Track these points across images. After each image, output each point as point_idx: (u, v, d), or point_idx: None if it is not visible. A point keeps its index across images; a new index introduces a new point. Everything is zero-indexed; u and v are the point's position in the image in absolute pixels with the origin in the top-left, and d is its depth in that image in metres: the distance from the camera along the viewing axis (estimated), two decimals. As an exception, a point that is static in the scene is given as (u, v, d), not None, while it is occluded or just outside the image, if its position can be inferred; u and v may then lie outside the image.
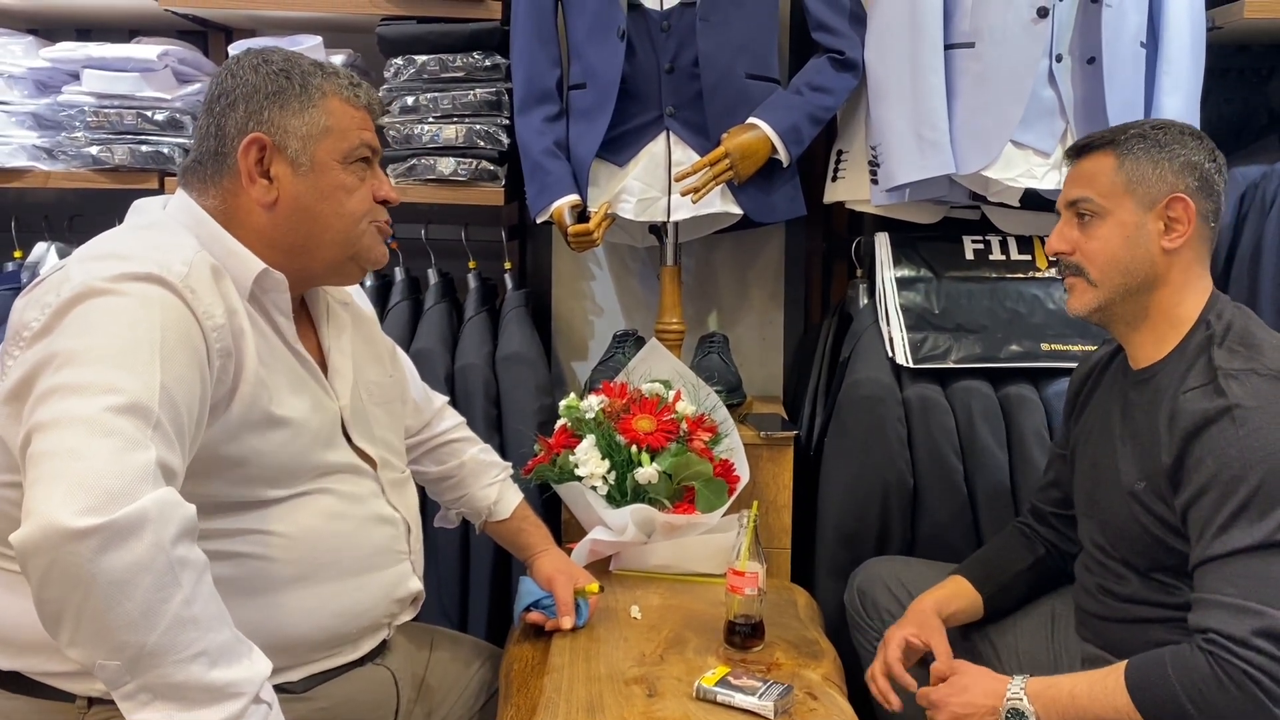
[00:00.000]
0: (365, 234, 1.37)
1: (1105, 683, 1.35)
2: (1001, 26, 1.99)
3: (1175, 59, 2.04)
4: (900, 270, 2.22)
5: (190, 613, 1.04)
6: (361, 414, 1.44)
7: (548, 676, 1.51)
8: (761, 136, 2.10)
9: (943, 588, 1.71)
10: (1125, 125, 1.52)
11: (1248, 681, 1.25)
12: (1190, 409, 1.36)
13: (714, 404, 2.04)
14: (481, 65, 2.23)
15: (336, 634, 1.37)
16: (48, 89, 2.33)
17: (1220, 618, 1.29)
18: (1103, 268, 1.48)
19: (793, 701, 1.44)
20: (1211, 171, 1.47)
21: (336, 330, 1.46)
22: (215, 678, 1.05)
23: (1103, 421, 1.58)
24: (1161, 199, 1.45)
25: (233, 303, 1.24)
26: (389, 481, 1.46)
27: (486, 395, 2.23)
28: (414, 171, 2.26)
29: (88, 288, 1.13)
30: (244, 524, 1.27)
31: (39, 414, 1.06)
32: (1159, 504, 1.42)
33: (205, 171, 1.32)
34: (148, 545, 1.01)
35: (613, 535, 1.87)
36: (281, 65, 1.32)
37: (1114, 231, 1.47)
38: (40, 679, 1.23)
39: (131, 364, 1.09)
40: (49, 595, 1.01)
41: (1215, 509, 1.33)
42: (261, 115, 1.30)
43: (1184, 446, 1.37)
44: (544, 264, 2.59)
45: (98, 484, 1.01)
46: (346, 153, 1.34)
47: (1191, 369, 1.41)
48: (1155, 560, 1.45)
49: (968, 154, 2.04)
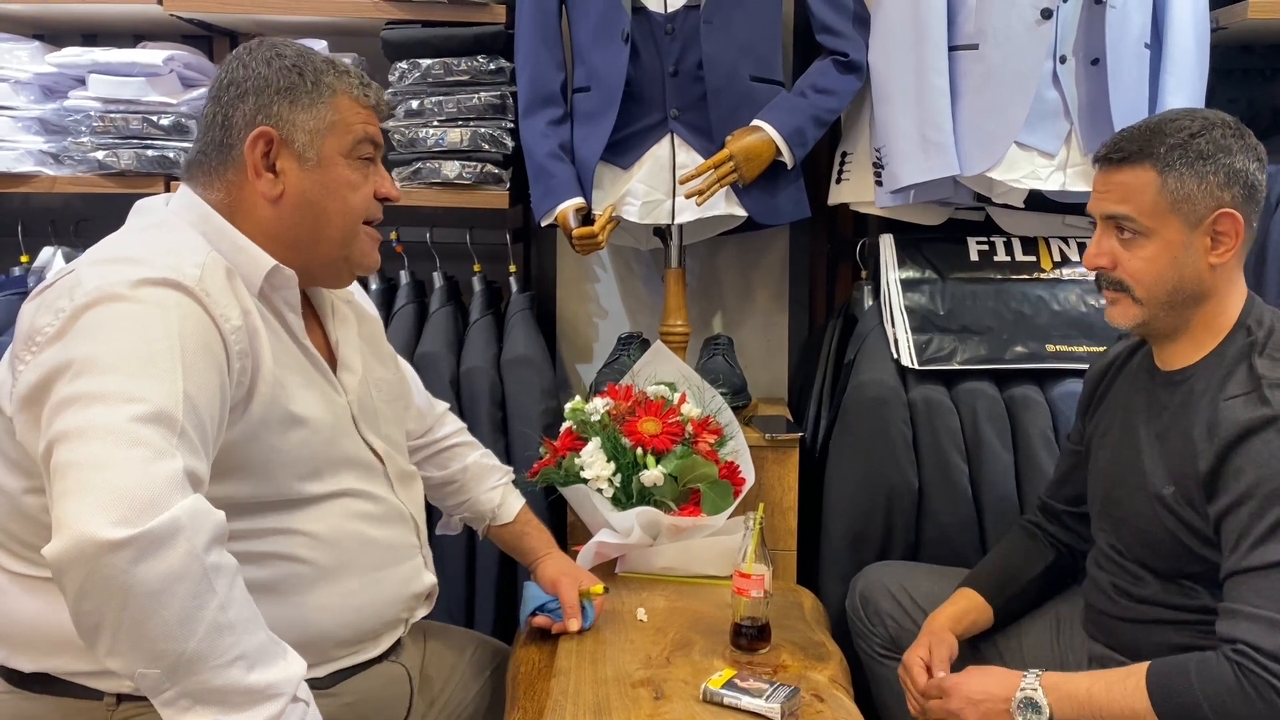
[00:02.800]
0: (360, 237, 1.38)
1: (1125, 684, 1.34)
2: (1005, 28, 1.99)
3: (1179, 59, 2.04)
4: (905, 272, 2.22)
5: (226, 618, 1.05)
6: (369, 409, 1.45)
7: (554, 679, 1.51)
8: (766, 139, 2.10)
9: (954, 603, 1.69)
10: (1161, 131, 1.41)
11: (1274, 695, 1.24)
12: (1232, 418, 1.33)
13: (719, 406, 2.04)
14: (486, 69, 2.24)
15: (359, 630, 1.38)
16: (53, 94, 2.34)
17: (1251, 630, 1.27)
18: (1150, 287, 1.42)
19: (799, 703, 1.44)
20: (1255, 173, 1.41)
21: (342, 325, 1.47)
22: (254, 680, 1.07)
23: (1124, 420, 1.56)
24: (1208, 215, 1.39)
25: (246, 303, 1.25)
26: (396, 476, 1.47)
27: (492, 398, 2.23)
28: (419, 175, 2.27)
29: (103, 293, 1.13)
30: (269, 524, 1.27)
31: (60, 423, 1.06)
32: (1188, 510, 1.40)
33: (210, 163, 1.32)
34: (182, 554, 1.02)
35: (618, 538, 1.87)
36: (295, 61, 1.33)
37: (1160, 252, 1.41)
38: (68, 678, 1.24)
39: (153, 372, 1.10)
40: (86, 607, 1.02)
41: (1253, 520, 1.30)
42: (271, 109, 1.30)
43: (1224, 455, 1.33)
44: (549, 267, 2.60)
45: (129, 494, 1.01)
46: (351, 148, 1.34)
47: (1231, 376, 1.38)
48: (1177, 566, 1.43)
49: (972, 155, 2.04)
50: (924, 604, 1.76)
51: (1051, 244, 2.24)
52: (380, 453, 1.45)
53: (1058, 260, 2.21)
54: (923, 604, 1.77)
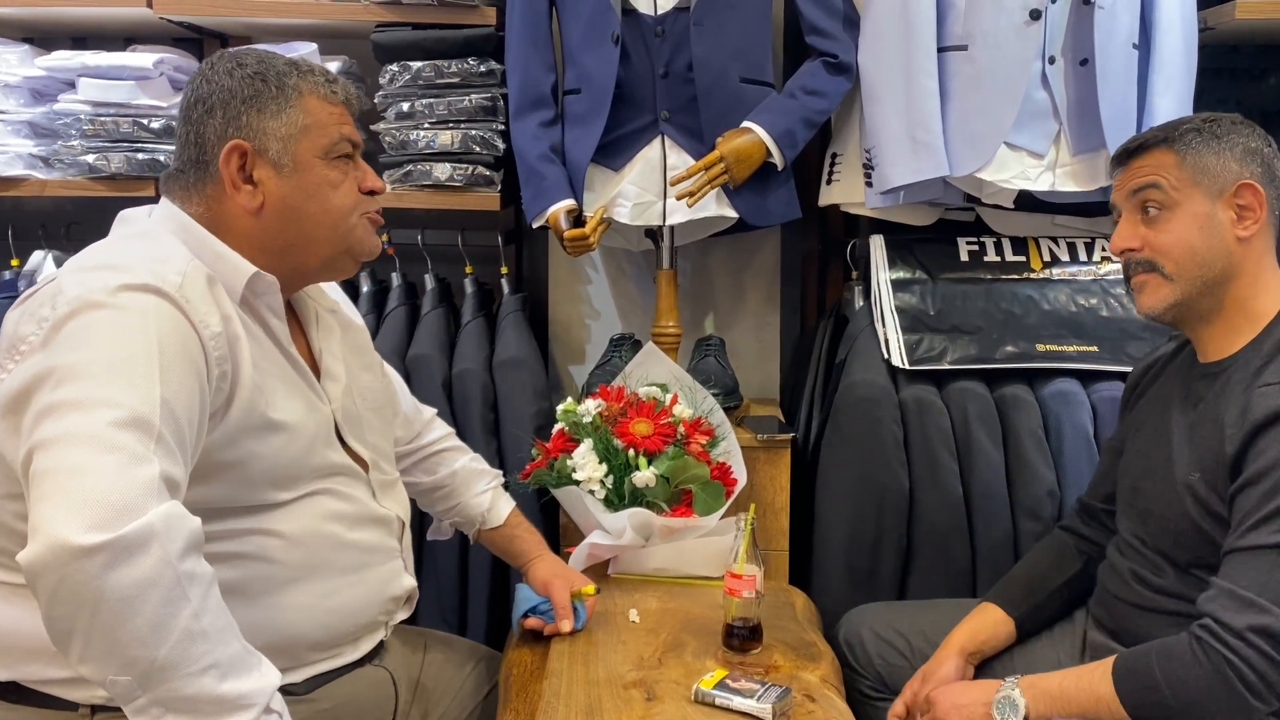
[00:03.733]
0: (356, 227, 1.37)
1: (1093, 673, 1.35)
2: (994, 29, 2.00)
3: (1167, 60, 2.05)
4: (895, 272, 2.23)
5: (199, 626, 1.05)
6: (354, 416, 1.45)
7: (546, 681, 1.52)
8: (756, 140, 2.11)
9: (975, 620, 1.66)
10: (1175, 122, 1.47)
11: (1227, 669, 1.24)
12: (1265, 403, 1.32)
13: (711, 407, 2.04)
14: (476, 71, 2.24)
15: (335, 632, 1.38)
16: (43, 97, 2.33)
17: (1223, 605, 1.27)
18: (1179, 260, 1.42)
19: (791, 704, 1.45)
20: (1271, 157, 1.43)
21: (326, 334, 1.47)
22: (226, 690, 1.06)
23: (1160, 413, 1.54)
24: (1230, 187, 1.41)
25: (227, 309, 1.24)
26: (379, 483, 1.47)
27: (484, 400, 2.23)
28: (410, 177, 2.27)
29: (84, 301, 1.13)
30: (244, 525, 1.27)
31: (40, 431, 1.07)
32: (1212, 496, 1.38)
33: (188, 179, 1.32)
34: (155, 560, 1.02)
35: (611, 539, 1.88)
36: (256, 68, 1.32)
37: (1187, 222, 1.42)
38: (40, 687, 1.23)
39: (131, 377, 1.10)
40: (58, 613, 1.01)
41: (1261, 501, 1.29)
42: (239, 121, 1.30)
43: (1250, 438, 1.32)
44: (540, 268, 2.60)
45: (103, 500, 1.01)
46: (327, 148, 1.34)
47: (1270, 364, 1.37)
48: (1197, 555, 1.41)
49: (961, 156, 2.04)
50: (911, 638, 1.74)
51: (1041, 244, 2.24)
52: (365, 459, 1.44)
53: (1047, 260, 2.22)
54: (910, 638, 1.74)
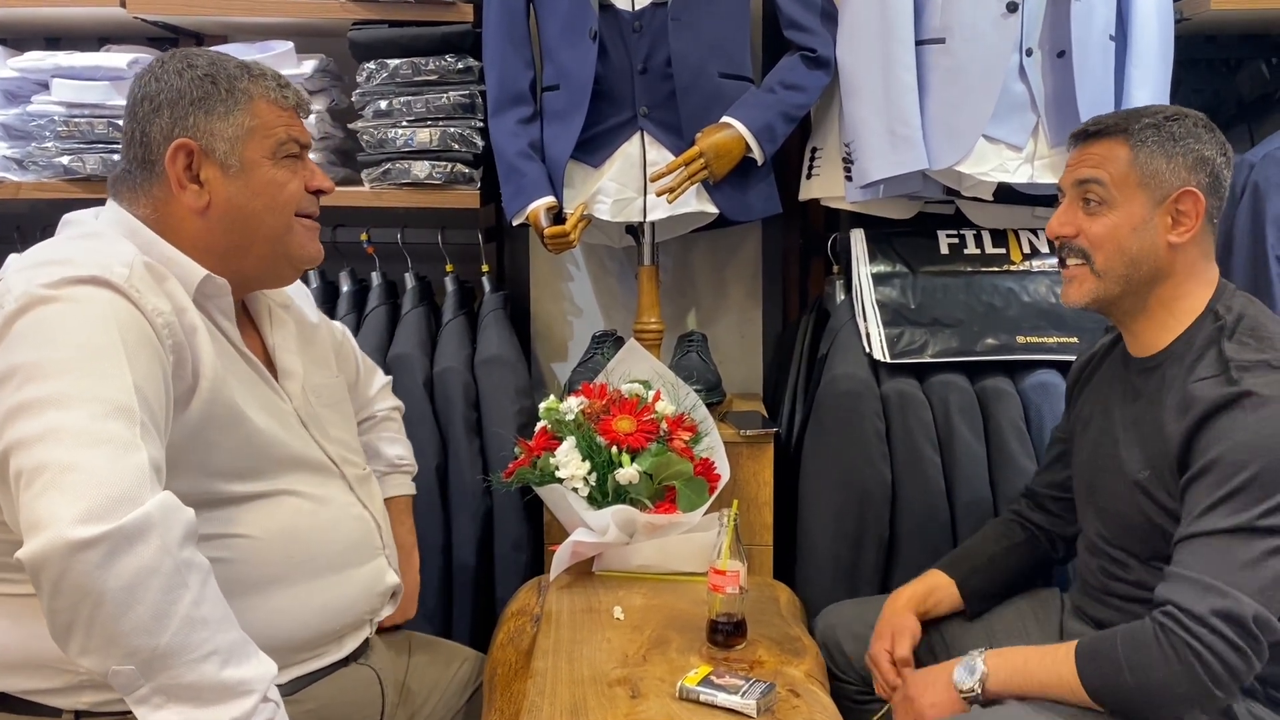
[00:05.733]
0: (295, 232, 1.37)
1: (1056, 653, 1.38)
2: (972, 22, 2.00)
3: (1144, 51, 2.06)
4: (876, 266, 2.23)
5: (200, 613, 1.06)
6: (313, 415, 1.45)
7: (531, 680, 1.51)
8: (735, 135, 2.10)
9: (916, 583, 1.71)
10: (1138, 111, 1.49)
11: (1190, 656, 1.26)
12: (1202, 396, 1.35)
13: (693, 403, 2.04)
14: (454, 68, 2.23)
15: (320, 632, 1.38)
16: (17, 99, 2.31)
17: (1183, 591, 1.29)
18: (1109, 255, 1.46)
19: (775, 699, 1.45)
20: (1221, 167, 1.45)
21: (280, 332, 1.46)
22: (228, 676, 1.07)
23: (1102, 408, 1.58)
24: (1172, 193, 1.43)
25: (180, 301, 1.24)
26: (354, 478, 1.47)
27: (466, 399, 2.22)
28: (389, 175, 2.26)
29: (31, 297, 1.13)
30: (211, 528, 1.25)
31: (15, 431, 1.06)
32: (1163, 493, 1.42)
33: (134, 180, 1.32)
34: (154, 549, 1.03)
35: (595, 536, 1.87)
36: (207, 70, 1.32)
37: (1122, 222, 1.45)
38: (25, 697, 1.22)
39: (101, 369, 1.10)
40: (60, 605, 1.02)
41: (1210, 490, 1.32)
42: (187, 121, 1.29)
43: (1193, 432, 1.35)
44: (522, 266, 2.59)
45: (99, 492, 1.02)
46: (274, 148, 1.34)
47: (1201, 360, 1.40)
48: (1155, 549, 1.44)
49: (940, 149, 2.04)
50: None
51: (1021, 236, 2.25)
52: (334, 456, 1.44)
53: (1027, 252, 2.23)
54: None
